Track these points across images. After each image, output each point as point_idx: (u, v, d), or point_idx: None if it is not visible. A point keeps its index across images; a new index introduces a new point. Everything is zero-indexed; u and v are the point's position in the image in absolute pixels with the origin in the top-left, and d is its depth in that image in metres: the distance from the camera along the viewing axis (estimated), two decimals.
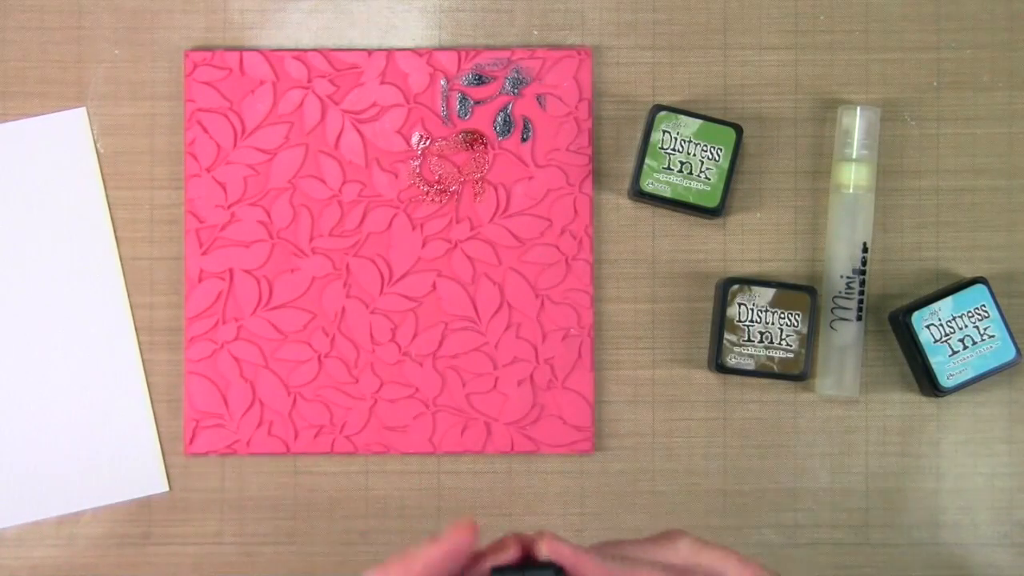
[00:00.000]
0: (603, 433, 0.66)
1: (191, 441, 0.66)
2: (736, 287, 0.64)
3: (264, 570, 0.66)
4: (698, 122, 0.64)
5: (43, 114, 0.66)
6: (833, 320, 0.65)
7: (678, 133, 0.63)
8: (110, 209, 0.66)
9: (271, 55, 0.66)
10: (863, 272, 0.65)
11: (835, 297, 0.65)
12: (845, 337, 0.65)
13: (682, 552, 0.56)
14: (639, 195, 0.64)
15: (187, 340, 0.66)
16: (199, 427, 0.66)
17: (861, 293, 0.65)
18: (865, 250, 0.65)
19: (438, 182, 0.66)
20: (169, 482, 0.66)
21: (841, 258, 0.65)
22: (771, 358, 0.64)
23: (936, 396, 0.65)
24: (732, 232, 0.67)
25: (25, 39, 0.66)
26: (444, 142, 0.66)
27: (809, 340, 0.64)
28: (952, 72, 0.67)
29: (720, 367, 0.64)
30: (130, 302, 0.66)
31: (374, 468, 0.66)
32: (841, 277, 0.65)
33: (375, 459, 0.66)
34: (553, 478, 0.66)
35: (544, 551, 0.49)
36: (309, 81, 0.66)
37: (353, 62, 0.66)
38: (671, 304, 0.67)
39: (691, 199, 0.64)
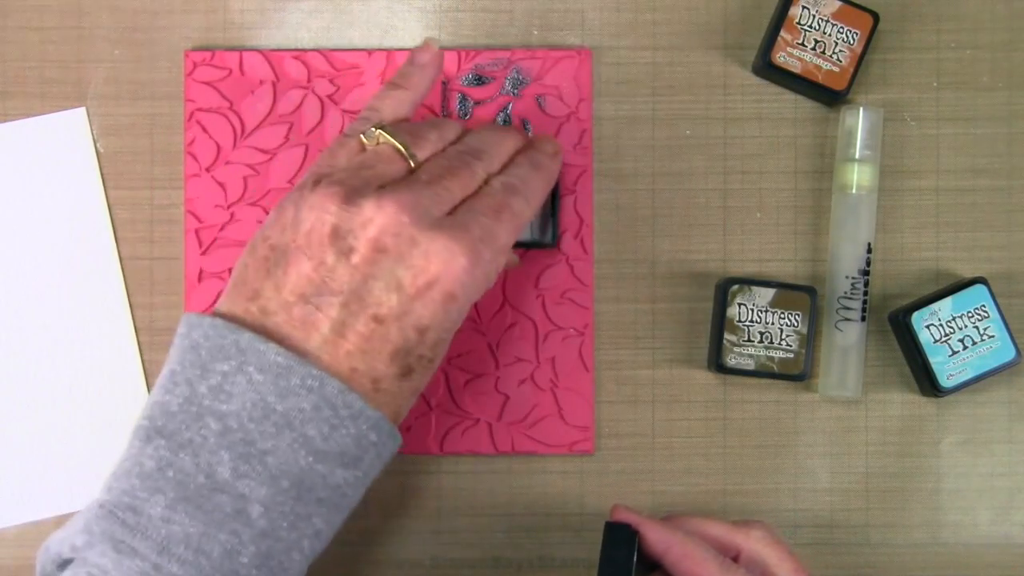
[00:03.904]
0: (603, 433, 0.66)
1: None
2: (736, 287, 0.64)
3: None
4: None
5: (43, 114, 0.66)
6: (838, 321, 0.65)
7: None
8: (110, 209, 0.66)
9: (271, 55, 0.66)
10: (867, 273, 0.65)
11: (840, 298, 0.64)
12: (849, 338, 0.65)
13: (752, 538, 0.57)
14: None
15: None
16: None
17: (865, 294, 0.65)
18: (869, 251, 0.65)
19: None
20: None
21: (846, 259, 0.65)
22: (771, 358, 0.64)
23: (936, 396, 0.65)
24: (732, 232, 0.67)
25: (25, 39, 0.66)
26: None
27: (809, 340, 0.64)
28: (952, 72, 0.67)
29: (720, 367, 0.64)
30: (130, 302, 0.66)
31: None
32: (846, 278, 0.64)
33: None
34: (553, 478, 0.66)
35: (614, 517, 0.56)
36: (309, 81, 0.66)
37: (353, 62, 0.66)
38: (671, 304, 0.67)
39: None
